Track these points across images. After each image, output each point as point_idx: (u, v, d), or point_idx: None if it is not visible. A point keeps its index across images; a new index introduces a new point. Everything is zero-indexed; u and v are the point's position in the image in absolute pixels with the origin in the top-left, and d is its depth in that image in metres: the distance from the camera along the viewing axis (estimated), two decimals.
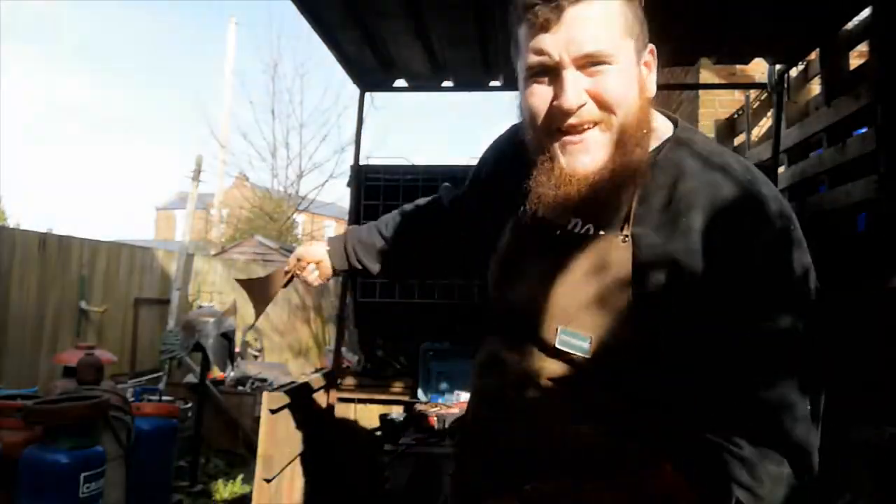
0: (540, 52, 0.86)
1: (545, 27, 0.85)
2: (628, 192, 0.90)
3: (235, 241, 13.88)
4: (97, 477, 2.68)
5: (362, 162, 3.36)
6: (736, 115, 4.22)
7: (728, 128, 4.26)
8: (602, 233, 0.92)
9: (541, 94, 0.88)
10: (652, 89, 0.94)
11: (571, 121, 0.86)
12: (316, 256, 1.38)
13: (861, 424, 1.86)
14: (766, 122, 3.77)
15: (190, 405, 4.50)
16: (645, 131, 0.90)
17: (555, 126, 0.88)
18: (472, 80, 3.10)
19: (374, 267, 1.37)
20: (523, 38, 0.89)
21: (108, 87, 71.69)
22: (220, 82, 17.69)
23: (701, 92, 5.07)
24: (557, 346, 0.92)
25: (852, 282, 2.40)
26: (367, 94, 3.31)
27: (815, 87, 3.22)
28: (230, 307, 4.84)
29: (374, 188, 3.22)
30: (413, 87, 3.32)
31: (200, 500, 4.10)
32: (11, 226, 11.79)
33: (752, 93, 3.93)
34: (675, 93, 5.82)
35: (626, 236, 0.89)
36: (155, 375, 5.99)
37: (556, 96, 0.86)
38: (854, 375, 2.19)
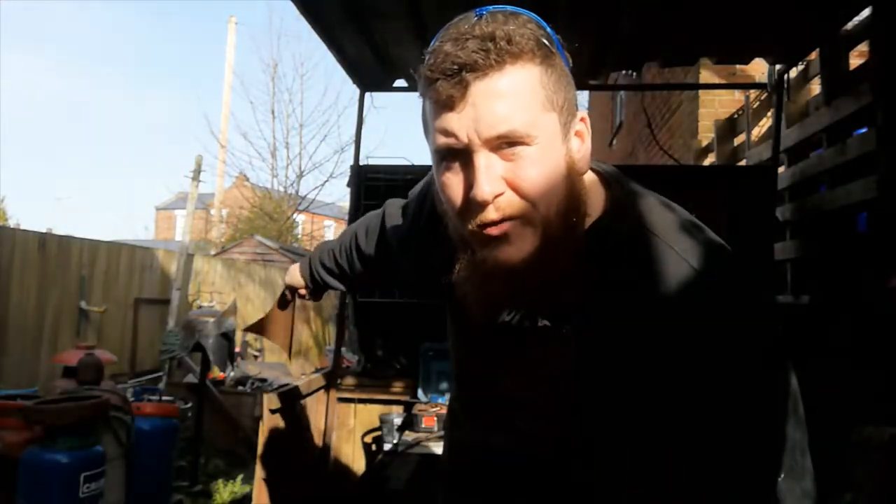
0: (446, 133, 0.74)
1: (449, 105, 0.74)
2: (563, 281, 0.80)
3: (235, 241, 13.87)
4: (97, 477, 2.68)
5: (362, 162, 3.36)
6: (736, 115, 4.22)
7: (728, 128, 4.26)
8: (542, 324, 0.85)
9: (454, 184, 0.77)
10: (585, 164, 0.81)
11: (490, 214, 0.74)
12: (300, 283, 1.50)
13: (861, 424, 1.86)
14: (766, 122, 3.77)
15: (190, 405, 4.49)
16: (575, 219, 0.78)
17: (472, 218, 0.76)
18: None
19: (338, 286, 1.48)
20: (429, 114, 0.78)
21: (108, 86, 71.67)
22: (220, 82, 17.69)
23: (701, 92, 5.07)
24: (519, 423, 0.93)
25: (853, 282, 2.41)
26: (367, 94, 3.31)
27: (815, 87, 3.22)
28: (230, 307, 4.84)
29: (374, 188, 3.22)
30: (413, 87, 3.31)
31: (200, 500, 4.10)
32: (11, 226, 11.78)
33: (752, 93, 3.94)
34: (675, 93, 5.83)
35: (567, 327, 0.82)
36: (155, 375, 5.99)
37: (469, 185, 0.75)
38: (856, 377, 2.19)
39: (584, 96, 11.90)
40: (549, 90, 0.76)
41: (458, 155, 0.76)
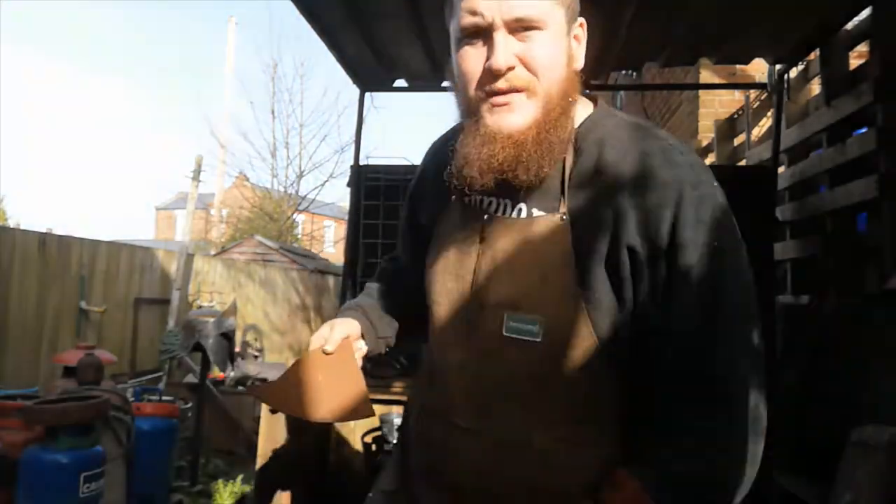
0: (473, 13, 0.88)
1: None
2: (556, 164, 0.91)
3: (235, 241, 13.86)
4: (97, 477, 2.67)
5: (362, 162, 3.36)
6: (736, 115, 4.22)
7: (728, 128, 4.26)
8: (536, 213, 0.93)
9: (472, 57, 0.90)
10: (580, 62, 0.96)
11: (500, 84, 0.88)
12: (357, 331, 1.14)
13: (861, 424, 1.86)
14: (766, 122, 3.78)
15: (190, 405, 4.49)
16: (571, 100, 0.92)
17: (483, 88, 0.89)
18: None
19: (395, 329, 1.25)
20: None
21: (108, 86, 71.71)
22: (220, 82, 17.68)
23: (701, 92, 5.06)
24: (505, 333, 0.90)
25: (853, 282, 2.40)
26: (367, 94, 3.31)
27: (815, 87, 3.22)
28: (230, 307, 4.83)
29: (374, 188, 3.22)
30: (413, 87, 3.32)
31: (200, 500, 4.09)
32: (11, 226, 11.78)
33: (752, 93, 3.94)
34: (675, 93, 5.82)
35: (564, 215, 0.90)
36: (155, 375, 5.99)
37: (486, 58, 0.88)
38: (854, 376, 2.19)
39: None
40: None
41: (479, 33, 0.89)
